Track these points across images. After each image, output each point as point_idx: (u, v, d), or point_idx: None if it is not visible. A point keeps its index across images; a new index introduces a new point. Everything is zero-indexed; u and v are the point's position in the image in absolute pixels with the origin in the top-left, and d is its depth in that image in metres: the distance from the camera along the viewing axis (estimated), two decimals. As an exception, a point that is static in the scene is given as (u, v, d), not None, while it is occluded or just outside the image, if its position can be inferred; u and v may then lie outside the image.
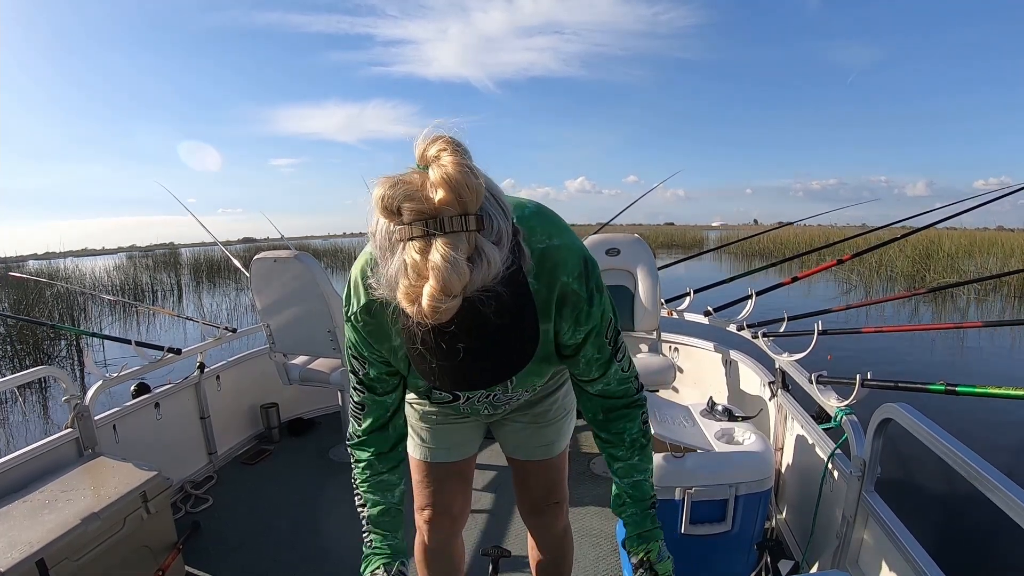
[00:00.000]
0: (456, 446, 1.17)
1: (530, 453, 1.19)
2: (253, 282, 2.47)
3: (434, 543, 1.24)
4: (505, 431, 1.19)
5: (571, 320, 0.81)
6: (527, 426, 1.15)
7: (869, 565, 1.36)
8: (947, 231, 14.63)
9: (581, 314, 0.80)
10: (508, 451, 1.22)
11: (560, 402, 1.16)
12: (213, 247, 16.22)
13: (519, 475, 1.26)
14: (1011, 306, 8.73)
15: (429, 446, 1.15)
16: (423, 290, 0.52)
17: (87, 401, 1.92)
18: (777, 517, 1.99)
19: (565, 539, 1.33)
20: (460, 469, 1.20)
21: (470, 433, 1.18)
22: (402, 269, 0.54)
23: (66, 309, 8.37)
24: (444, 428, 1.14)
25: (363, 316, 0.79)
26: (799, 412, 1.85)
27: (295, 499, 2.31)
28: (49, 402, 4.97)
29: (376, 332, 0.81)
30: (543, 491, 1.24)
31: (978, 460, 1.02)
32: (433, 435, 1.15)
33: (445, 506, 1.20)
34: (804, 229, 19.60)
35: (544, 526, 1.30)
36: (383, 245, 0.57)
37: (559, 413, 1.16)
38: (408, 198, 0.53)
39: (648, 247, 2.66)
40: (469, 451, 1.20)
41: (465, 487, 1.24)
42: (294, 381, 2.63)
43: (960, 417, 3.33)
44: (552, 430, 1.16)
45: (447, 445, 1.16)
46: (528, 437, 1.16)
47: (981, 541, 2.13)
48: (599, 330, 0.83)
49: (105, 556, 1.52)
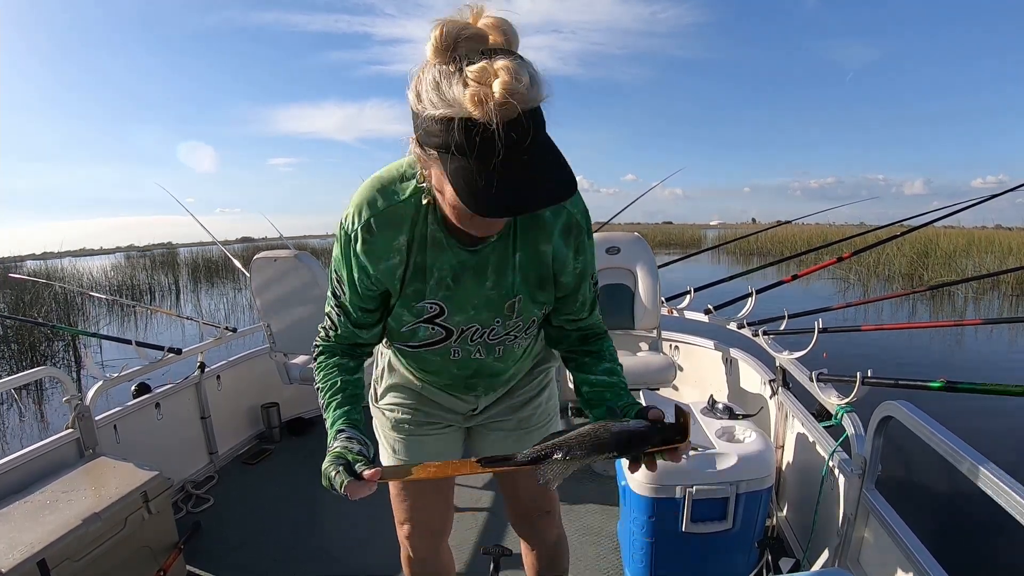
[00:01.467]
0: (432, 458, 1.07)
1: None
2: (253, 282, 2.47)
3: (418, 555, 1.22)
4: (487, 441, 1.14)
5: (572, 249, 0.86)
6: (510, 433, 1.12)
7: (870, 563, 1.37)
8: (945, 229, 14.67)
9: (581, 245, 0.87)
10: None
11: (544, 406, 1.13)
12: (211, 247, 16.22)
13: (507, 485, 1.23)
14: (1009, 303, 8.76)
15: (402, 459, 1.10)
16: (493, 85, 0.56)
17: (88, 401, 1.91)
18: (778, 515, 1.99)
19: (559, 548, 1.31)
20: (437, 484, 1.14)
21: (446, 445, 1.13)
22: (465, 80, 0.57)
23: (64, 310, 8.35)
24: (419, 440, 1.10)
25: (364, 233, 0.81)
26: (800, 410, 1.85)
27: (295, 499, 2.31)
28: (45, 404, 4.95)
29: (372, 251, 0.82)
30: (532, 501, 1.21)
31: (978, 457, 1.03)
32: (407, 448, 1.10)
33: (424, 522, 1.17)
34: (802, 228, 19.63)
35: (536, 536, 1.27)
36: (436, 83, 0.59)
37: (543, 418, 1.13)
38: (463, 33, 0.60)
39: (648, 246, 2.66)
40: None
41: (444, 501, 1.20)
42: (294, 381, 2.63)
43: (960, 414, 3.34)
44: (537, 436, 1.08)
45: (422, 460, 1.04)
46: (512, 444, 1.11)
47: (982, 538, 2.14)
48: (592, 270, 0.92)
49: (106, 556, 1.51)
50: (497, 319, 0.90)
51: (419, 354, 0.96)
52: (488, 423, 1.13)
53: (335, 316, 0.92)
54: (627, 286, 2.61)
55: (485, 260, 0.85)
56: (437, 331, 0.90)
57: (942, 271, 11.05)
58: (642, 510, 1.54)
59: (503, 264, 0.86)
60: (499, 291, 0.87)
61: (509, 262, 0.86)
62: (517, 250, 0.85)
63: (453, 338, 0.91)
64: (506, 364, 1.01)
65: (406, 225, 0.81)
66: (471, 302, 0.87)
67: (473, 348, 0.94)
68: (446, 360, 0.96)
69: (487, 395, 1.08)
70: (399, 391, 1.11)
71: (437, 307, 0.87)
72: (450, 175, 0.61)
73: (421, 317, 0.88)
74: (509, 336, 0.94)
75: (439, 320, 0.89)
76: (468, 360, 0.96)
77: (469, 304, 0.87)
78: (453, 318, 0.88)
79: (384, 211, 0.80)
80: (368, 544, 1.98)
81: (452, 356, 0.95)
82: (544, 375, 1.14)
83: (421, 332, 0.90)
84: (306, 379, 2.62)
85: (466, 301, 0.87)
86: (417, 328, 0.90)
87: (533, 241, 0.85)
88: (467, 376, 1.00)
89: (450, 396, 1.08)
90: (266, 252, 2.42)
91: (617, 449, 0.77)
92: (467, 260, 0.84)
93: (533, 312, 0.92)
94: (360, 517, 2.12)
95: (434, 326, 0.89)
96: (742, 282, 2.83)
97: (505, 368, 1.02)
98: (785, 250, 15.69)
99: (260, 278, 2.44)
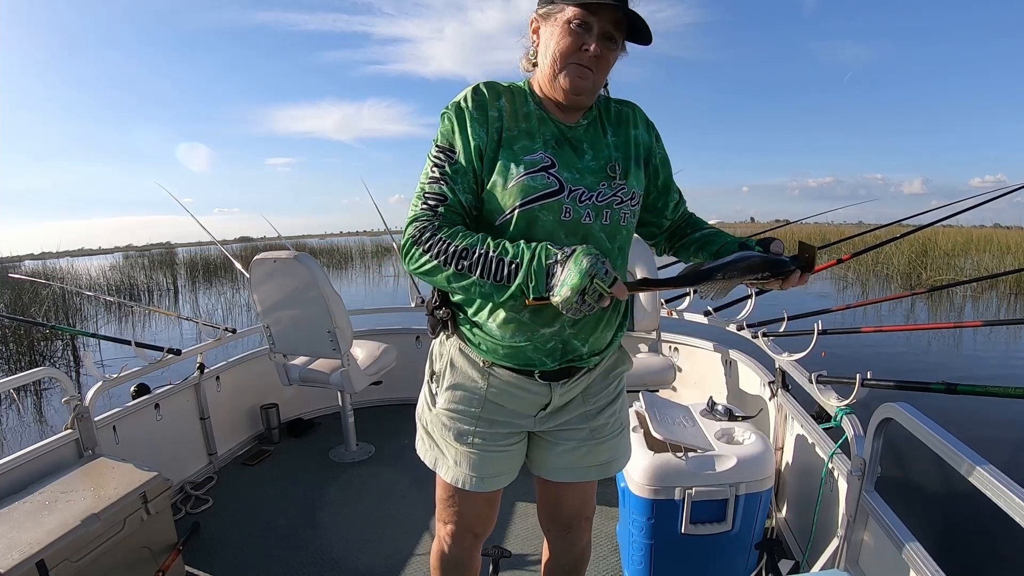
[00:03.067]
0: (491, 477, 1.06)
1: (583, 475, 1.10)
2: (253, 282, 2.47)
3: (453, 554, 1.19)
4: (555, 452, 1.09)
5: (654, 136, 1.06)
6: (582, 444, 1.08)
7: (870, 565, 1.37)
8: (943, 229, 14.69)
9: (658, 136, 1.07)
10: (553, 475, 1.11)
11: (618, 415, 1.11)
12: (209, 247, 16.20)
13: (550, 493, 1.19)
14: (1007, 304, 8.78)
15: (471, 473, 1.05)
16: None
17: (87, 402, 1.91)
18: (777, 517, 1.99)
19: (586, 551, 1.30)
20: (489, 497, 1.12)
21: (509, 463, 1.08)
22: None
23: (62, 310, 8.33)
24: (487, 456, 1.05)
25: (472, 93, 0.95)
26: (799, 412, 1.85)
27: (295, 500, 2.31)
28: (43, 404, 4.94)
29: (480, 104, 0.94)
30: (576, 509, 1.19)
31: (977, 459, 1.03)
32: (472, 463, 1.05)
33: (467, 527, 1.16)
34: (799, 228, 19.64)
35: (570, 542, 1.24)
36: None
37: (615, 428, 1.11)
38: None
39: (648, 246, 2.66)
40: (503, 483, 1.09)
41: (492, 511, 1.17)
42: (294, 382, 2.62)
43: (960, 416, 3.34)
44: (608, 447, 1.10)
45: (489, 473, 1.06)
46: (583, 456, 1.08)
47: (981, 540, 2.14)
48: (669, 160, 1.10)
49: (105, 557, 1.51)
50: (603, 182, 0.96)
51: (531, 215, 0.91)
52: (558, 431, 1.09)
53: (440, 189, 0.93)
54: (627, 287, 2.61)
55: (580, 136, 0.98)
56: (552, 181, 0.92)
57: (940, 271, 11.07)
58: (641, 512, 1.54)
59: (597, 142, 0.99)
60: (598, 162, 0.97)
61: (603, 141, 0.99)
62: (608, 133, 1.00)
63: (566, 192, 0.92)
64: (612, 247, 0.98)
65: (507, 96, 0.96)
66: (575, 166, 0.95)
67: (583, 210, 0.94)
68: (557, 223, 0.92)
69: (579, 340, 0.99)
70: (460, 393, 1.04)
71: (549, 159, 0.93)
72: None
73: (534, 168, 0.92)
74: (616, 199, 0.96)
75: (552, 171, 0.92)
76: (578, 224, 0.93)
77: (573, 167, 0.95)
78: (563, 173, 0.93)
79: (490, 83, 0.97)
80: (368, 545, 1.98)
81: (563, 216, 0.92)
82: (619, 381, 1.12)
83: (538, 181, 0.91)
84: (306, 380, 2.61)
85: (571, 164, 0.95)
86: (531, 178, 0.91)
87: (623, 126, 1.02)
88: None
89: (524, 381, 1.01)
90: (265, 252, 2.42)
91: (768, 269, 0.88)
92: (566, 132, 0.97)
93: (633, 184, 0.99)
94: (359, 518, 2.12)
95: (549, 175, 0.92)
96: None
97: (611, 251, 0.97)
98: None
99: (259, 279, 2.44)
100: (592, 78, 0.92)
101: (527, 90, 0.98)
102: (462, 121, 0.93)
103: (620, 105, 1.05)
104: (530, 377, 1.00)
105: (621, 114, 1.04)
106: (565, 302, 0.79)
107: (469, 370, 1.03)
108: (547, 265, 0.81)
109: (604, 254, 0.85)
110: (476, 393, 1.03)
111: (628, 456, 1.17)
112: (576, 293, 0.77)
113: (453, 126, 0.94)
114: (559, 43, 0.90)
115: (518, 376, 1.00)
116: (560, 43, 0.90)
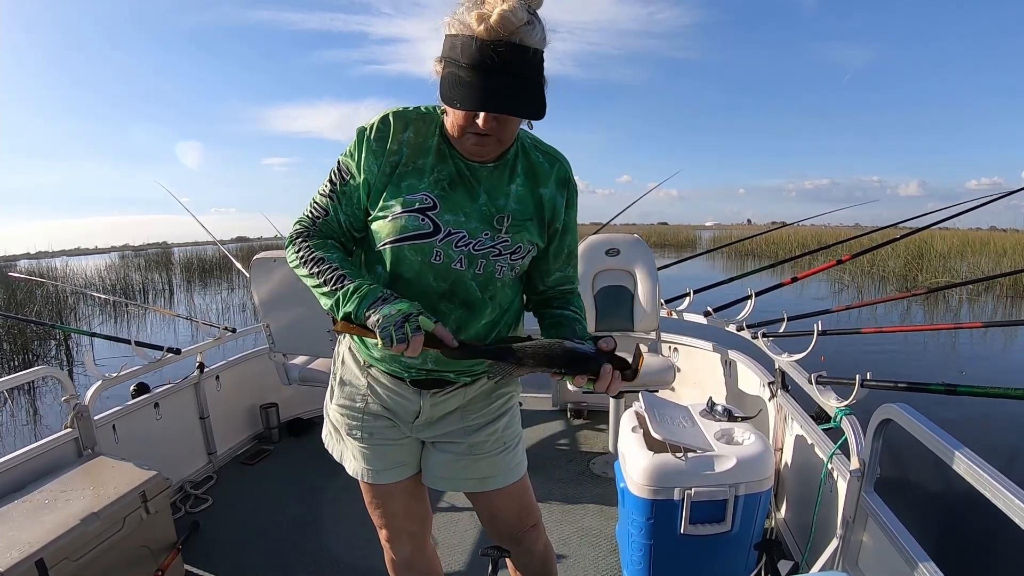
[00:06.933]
0: (386, 470, 1.11)
1: (458, 486, 1.13)
2: (253, 282, 2.46)
3: (400, 558, 1.22)
4: (434, 460, 1.12)
5: (563, 197, 1.00)
6: (460, 457, 1.09)
7: (869, 565, 1.38)
8: (939, 231, 14.76)
9: (572, 200, 1.02)
10: (430, 483, 1.14)
11: (500, 434, 1.10)
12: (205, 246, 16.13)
13: (484, 509, 1.19)
14: (1003, 305, 8.82)
15: (366, 467, 1.10)
16: (494, 11, 0.75)
17: (86, 401, 1.91)
18: (777, 517, 2.00)
19: (547, 553, 1.29)
20: (405, 488, 1.14)
21: (407, 453, 1.12)
22: (479, 7, 0.77)
23: (54, 309, 8.30)
24: (379, 449, 1.09)
25: (379, 123, 0.94)
26: (799, 412, 1.86)
27: (295, 499, 2.31)
28: (38, 403, 4.91)
29: (381, 137, 0.93)
30: (515, 521, 1.19)
31: (977, 460, 1.04)
32: (368, 457, 1.10)
33: (399, 527, 1.18)
34: (797, 229, 19.71)
35: (525, 551, 1.23)
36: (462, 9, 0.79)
37: (496, 446, 1.10)
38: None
39: (647, 248, 2.67)
40: (408, 472, 1.13)
41: (417, 504, 1.19)
42: (294, 381, 2.62)
43: (959, 417, 3.36)
44: (487, 464, 1.10)
45: (382, 466, 1.10)
46: (461, 468, 1.10)
47: (980, 541, 2.15)
48: (575, 226, 1.05)
49: (104, 556, 1.51)
50: (486, 231, 0.94)
51: (400, 253, 0.94)
52: (438, 441, 1.11)
53: (326, 204, 0.98)
54: (627, 288, 2.61)
55: (480, 178, 0.94)
56: (426, 223, 0.92)
57: (937, 273, 11.12)
58: (641, 512, 1.54)
59: (497, 189, 0.95)
60: (490, 209, 0.94)
61: (503, 190, 0.95)
62: (514, 183, 0.96)
63: (439, 236, 0.92)
64: (483, 296, 0.98)
65: (416, 127, 0.94)
66: (462, 209, 0.93)
67: (456, 255, 0.93)
68: (426, 264, 0.94)
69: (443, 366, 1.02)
70: (348, 389, 1.09)
71: (431, 200, 0.92)
72: (446, 75, 0.81)
73: (412, 207, 0.92)
74: (494, 251, 0.95)
75: (430, 213, 0.92)
76: (448, 269, 0.94)
77: (460, 210, 0.93)
78: (443, 216, 0.92)
79: (400, 112, 0.95)
80: (367, 544, 1.97)
81: (433, 258, 0.93)
82: (505, 400, 1.12)
83: (411, 221, 0.92)
84: (305, 379, 2.61)
85: (457, 207, 0.93)
86: (407, 217, 0.92)
87: (531, 181, 0.97)
88: (441, 293, 0.96)
89: (396, 384, 1.05)
90: (265, 252, 2.42)
91: (565, 365, 0.84)
92: (464, 172, 0.94)
93: (522, 238, 0.96)
94: (359, 517, 2.10)
95: (424, 217, 0.92)
96: (741, 284, 2.84)
97: (481, 302, 0.98)
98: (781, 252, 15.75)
99: (259, 278, 2.44)
100: (493, 142, 0.88)
101: (439, 120, 0.93)
102: (361, 150, 0.94)
103: (543, 157, 0.99)
104: (402, 381, 1.05)
105: (538, 167, 0.97)
106: (380, 334, 0.83)
107: (354, 367, 1.09)
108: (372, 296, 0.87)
109: (472, 303, 0.97)
110: (360, 390, 1.08)
111: (517, 474, 1.15)
112: (391, 317, 0.83)
113: (355, 150, 0.95)
114: (454, 113, 0.85)
115: (391, 379, 1.05)
116: (455, 113, 0.85)
